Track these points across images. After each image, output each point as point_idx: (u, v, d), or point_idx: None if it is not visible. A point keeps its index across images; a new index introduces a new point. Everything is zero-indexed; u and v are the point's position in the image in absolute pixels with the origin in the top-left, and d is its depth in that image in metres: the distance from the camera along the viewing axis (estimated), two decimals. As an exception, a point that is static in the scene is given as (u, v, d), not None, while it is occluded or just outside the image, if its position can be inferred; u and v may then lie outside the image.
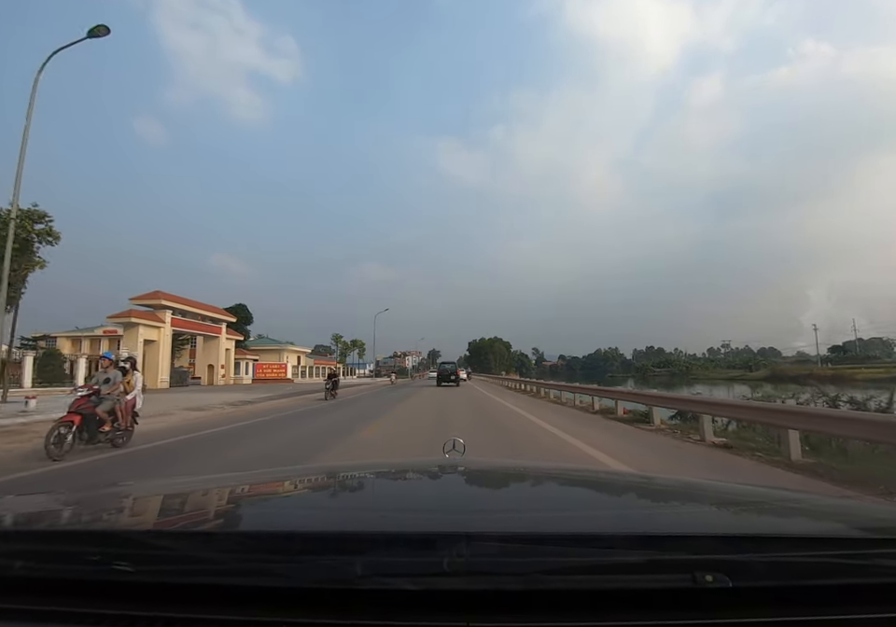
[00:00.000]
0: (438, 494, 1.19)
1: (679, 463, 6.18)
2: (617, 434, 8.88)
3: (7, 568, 0.64)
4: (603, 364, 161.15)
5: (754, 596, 0.60)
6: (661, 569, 0.61)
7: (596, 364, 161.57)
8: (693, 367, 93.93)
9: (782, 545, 0.68)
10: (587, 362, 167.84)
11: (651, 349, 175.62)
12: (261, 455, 6.47)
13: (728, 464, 5.96)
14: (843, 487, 4.53)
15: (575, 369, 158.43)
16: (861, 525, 0.88)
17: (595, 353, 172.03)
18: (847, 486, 4.55)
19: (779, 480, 4.82)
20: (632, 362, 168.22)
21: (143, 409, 7.59)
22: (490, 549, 0.63)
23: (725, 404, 8.16)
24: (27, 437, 7.92)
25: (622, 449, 6.96)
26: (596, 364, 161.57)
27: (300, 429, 9.59)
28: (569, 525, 0.84)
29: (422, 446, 6.84)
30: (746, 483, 1.76)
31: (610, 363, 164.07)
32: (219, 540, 0.75)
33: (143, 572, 0.62)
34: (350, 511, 0.99)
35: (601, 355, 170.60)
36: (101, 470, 5.52)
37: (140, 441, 7.21)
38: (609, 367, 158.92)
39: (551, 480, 1.45)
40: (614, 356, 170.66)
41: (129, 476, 4.71)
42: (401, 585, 0.58)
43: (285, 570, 0.62)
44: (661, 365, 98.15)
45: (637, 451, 7.02)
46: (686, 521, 0.92)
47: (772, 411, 6.48)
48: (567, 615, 0.58)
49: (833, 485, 4.63)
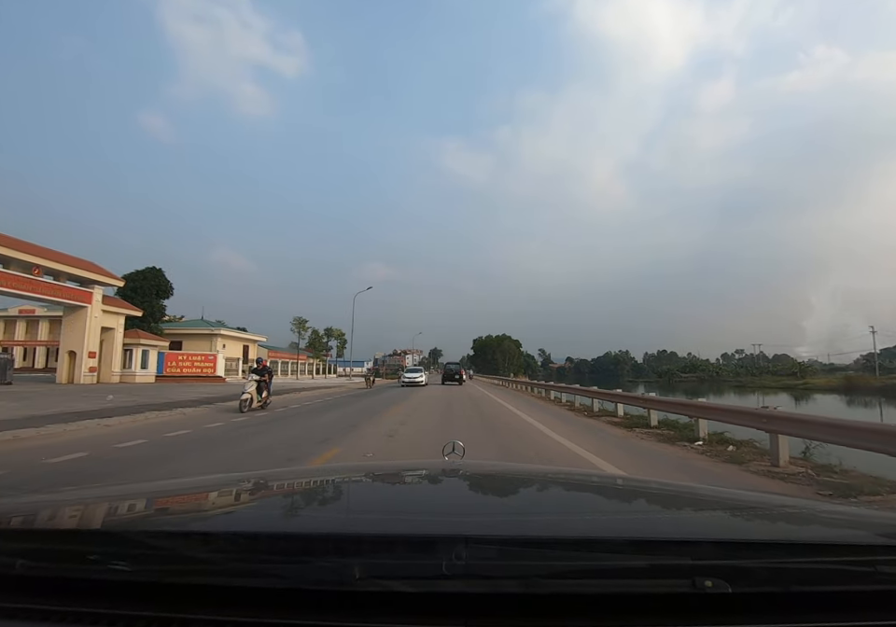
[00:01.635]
0: (437, 497, 1.17)
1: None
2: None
3: (7, 567, 0.64)
4: (613, 367, 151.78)
5: (754, 602, 0.59)
6: (660, 574, 0.61)
7: (606, 367, 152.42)
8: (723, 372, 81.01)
9: (782, 551, 0.68)
10: (596, 365, 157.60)
11: (662, 353, 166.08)
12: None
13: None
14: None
15: (584, 372, 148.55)
16: (862, 531, 0.88)
17: (605, 356, 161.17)
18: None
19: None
20: (643, 366, 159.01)
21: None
22: (489, 552, 0.63)
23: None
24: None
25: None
26: (606, 367, 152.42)
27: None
28: (569, 529, 0.84)
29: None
30: (746, 489, 1.97)
31: (621, 367, 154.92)
32: (218, 541, 0.73)
33: (140, 572, 0.63)
34: (349, 513, 0.97)
35: (611, 358, 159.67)
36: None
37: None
38: (620, 370, 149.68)
39: (550, 484, 1.43)
40: (625, 360, 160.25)
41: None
42: (400, 588, 0.58)
43: (283, 571, 0.62)
44: (686, 369, 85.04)
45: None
46: (686, 526, 0.92)
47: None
48: (565, 619, 0.58)
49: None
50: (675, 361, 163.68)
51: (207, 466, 5.49)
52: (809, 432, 5.31)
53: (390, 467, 1.85)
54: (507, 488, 1.35)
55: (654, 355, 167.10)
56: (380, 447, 6.56)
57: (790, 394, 40.89)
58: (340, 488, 1.32)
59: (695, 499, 1.19)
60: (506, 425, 9.60)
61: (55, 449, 6.11)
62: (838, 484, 4.68)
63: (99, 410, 10.37)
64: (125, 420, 9.11)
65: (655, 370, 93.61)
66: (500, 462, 4.48)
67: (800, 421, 5.48)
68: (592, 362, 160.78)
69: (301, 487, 1.32)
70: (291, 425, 9.26)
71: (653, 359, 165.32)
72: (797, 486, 4.76)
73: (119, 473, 4.96)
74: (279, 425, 9.20)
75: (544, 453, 6.30)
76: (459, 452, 1.55)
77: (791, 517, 0.99)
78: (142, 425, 8.86)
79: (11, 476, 4.73)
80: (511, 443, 7.28)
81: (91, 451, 6.08)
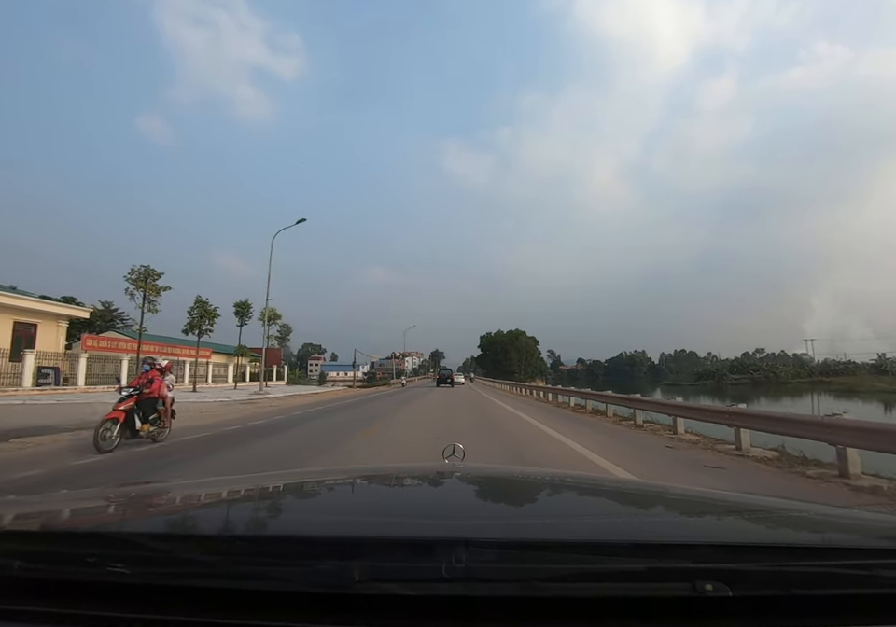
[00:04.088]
0: (437, 500, 1.17)
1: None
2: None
3: (4, 569, 0.63)
4: (629, 368, 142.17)
5: (754, 605, 0.59)
6: (660, 577, 0.61)
7: (621, 368, 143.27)
8: (781, 372, 70.59)
9: (783, 554, 0.67)
10: (611, 366, 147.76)
11: (681, 353, 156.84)
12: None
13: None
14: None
15: (597, 374, 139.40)
16: (863, 535, 0.87)
17: (618, 356, 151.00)
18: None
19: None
20: (660, 367, 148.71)
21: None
22: (489, 555, 0.63)
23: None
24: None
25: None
26: (621, 368, 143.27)
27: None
28: (569, 532, 0.84)
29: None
30: (747, 492, 1.84)
31: (637, 368, 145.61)
32: (216, 543, 0.73)
33: (139, 574, 0.62)
34: (349, 516, 0.96)
35: (625, 358, 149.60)
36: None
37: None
38: (637, 372, 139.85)
39: (551, 487, 1.43)
40: (641, 360, 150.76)
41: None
42: (399, 591, 0.58)
43: (282, 574, 0.62)
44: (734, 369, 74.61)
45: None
46: (686, 529, 0.92)
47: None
48: (565, 622, 0.58)
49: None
50: (694, 361, 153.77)
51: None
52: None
53: (390, 470, 1.83)
54: (507, 491, 1.34)
55: (671, 355, 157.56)
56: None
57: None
58: (339, 490, 1.32)
59: (695, 502, 1.19)
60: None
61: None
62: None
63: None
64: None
65: (705, 372, 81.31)
66: (500, 465, 4.30)
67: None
68: (606, 363, 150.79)
69: (301, 490, 1.31)
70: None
71: (671, 359, 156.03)
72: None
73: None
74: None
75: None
76: (459, 454, 1.54)
77: (791, 520, 0.99)
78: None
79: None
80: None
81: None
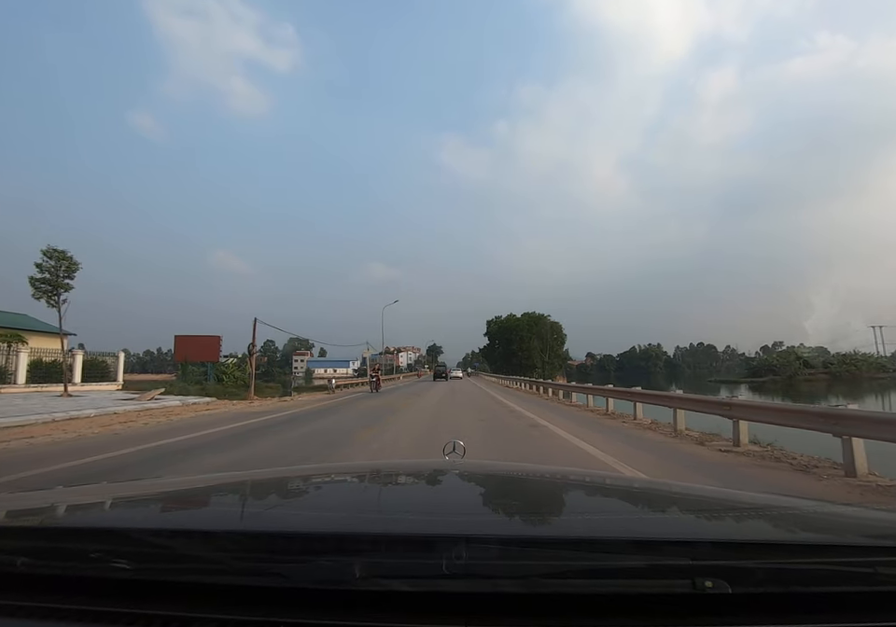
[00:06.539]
0: (437, 497, 1.17)
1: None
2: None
3: (8, 564, 0.64)
4: (644, 363, 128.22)
5: (754, 603, 0.59)
6: (660, 574, 0.61)
7: (635, 363, 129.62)
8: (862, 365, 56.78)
9: (783, 552, 0.67)
10: (623, 361, 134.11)
11: (699, 346, 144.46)
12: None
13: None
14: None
15: (608, 369, 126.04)
16: (862, 533, 0.87)
17: (631, 351, 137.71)
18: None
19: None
20: (676, 361, 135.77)
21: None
22: (489, 552, 0.63)
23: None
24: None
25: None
26: (635, 363, 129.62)
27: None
28: (569, 529, 0.84)
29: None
30: (747, 490, 1.79)
31: (653, 362, 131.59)
32: (219, 539, 0.73)
33: (142, 570, 0.63)
34: (350, 512, 0.97)
35: (639, 352, 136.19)
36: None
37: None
38: (653, 367, 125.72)
39: (551, 484, 1.43)
40: (657, 355, 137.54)
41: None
42: (400, 587, 0.58)
43: (284, 570, 0.62)
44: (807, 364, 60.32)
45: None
46: (686, 526, 0.92)
47: None
48: (565, 619, 0.58)
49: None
50: (712, 356, 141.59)
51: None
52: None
53: (391, 467, 1.89)
54: (507, 488, 1.35)
55: (687, 348, 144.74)
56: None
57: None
58: (341, 487, 1.33)
59: (696, 499, 1.19)
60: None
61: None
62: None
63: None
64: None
65: (749, 365, 67.24)
66: (501, 461, 4.35)
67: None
68: (618, 358, 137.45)
69: (303, 486, 1.32)
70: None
71: (687, 353, 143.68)
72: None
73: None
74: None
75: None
76: (460, 451, 1.55)
77: (791, 518, 0.99)
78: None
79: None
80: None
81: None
